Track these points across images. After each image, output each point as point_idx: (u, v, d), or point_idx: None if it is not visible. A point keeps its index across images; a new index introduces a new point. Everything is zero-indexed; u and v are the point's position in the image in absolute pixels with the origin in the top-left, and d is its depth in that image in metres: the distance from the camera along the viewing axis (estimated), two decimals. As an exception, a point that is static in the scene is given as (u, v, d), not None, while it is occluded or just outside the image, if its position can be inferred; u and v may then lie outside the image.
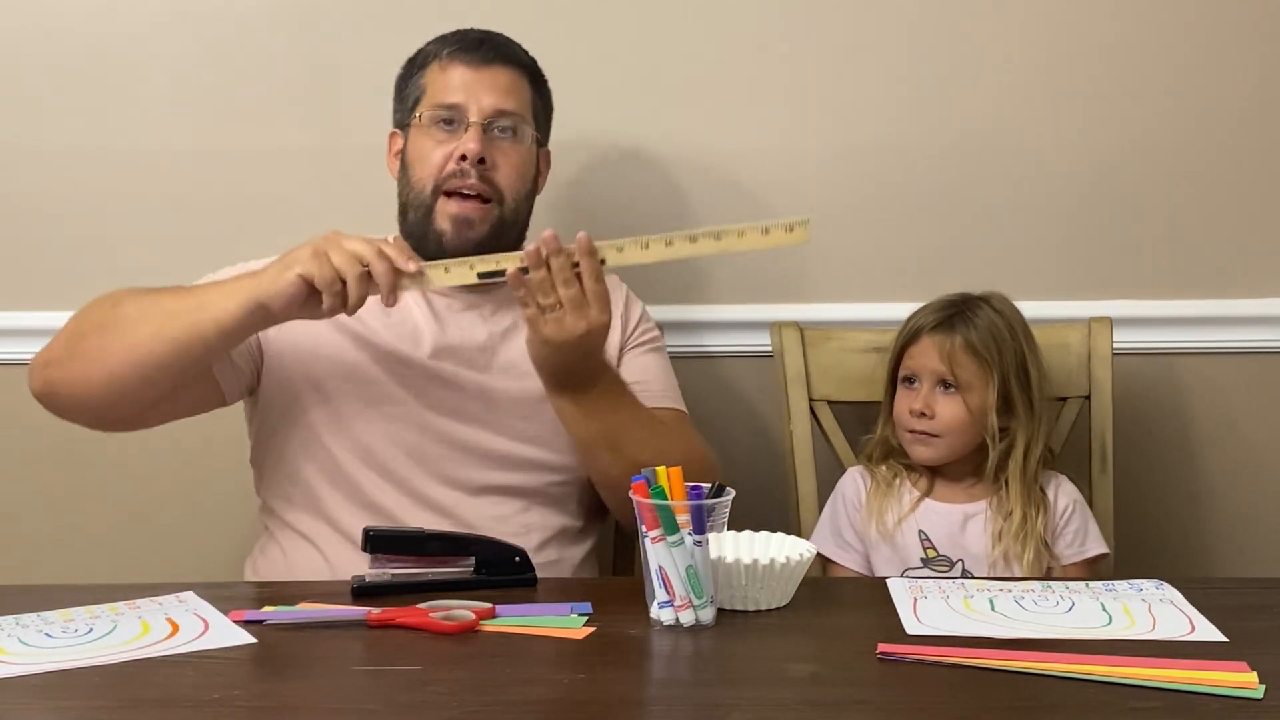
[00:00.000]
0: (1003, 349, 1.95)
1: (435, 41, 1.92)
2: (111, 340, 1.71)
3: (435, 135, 1.86)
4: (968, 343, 1.94)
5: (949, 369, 1.94)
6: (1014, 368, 1.95)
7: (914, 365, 1.97)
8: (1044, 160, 2.24)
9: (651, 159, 2.23)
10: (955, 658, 1.40)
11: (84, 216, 2.25)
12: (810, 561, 1.61)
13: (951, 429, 1.94)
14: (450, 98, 1.86)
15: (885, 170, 2.25)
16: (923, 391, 1.96)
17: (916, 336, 1.98)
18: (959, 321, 1.96)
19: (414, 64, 1.93)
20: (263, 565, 1.89)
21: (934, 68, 2.23)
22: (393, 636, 1.48)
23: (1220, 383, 2.29)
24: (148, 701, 1.32)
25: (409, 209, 1.89)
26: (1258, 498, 2.31)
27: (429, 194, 1.86)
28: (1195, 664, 1.38)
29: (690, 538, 1.48)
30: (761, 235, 1.65)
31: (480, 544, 1.68)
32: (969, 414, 1.94)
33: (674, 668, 1.45)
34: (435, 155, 1.85)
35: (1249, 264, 2.26)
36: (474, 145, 1.83)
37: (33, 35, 2.22)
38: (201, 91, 2.23)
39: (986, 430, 1.94)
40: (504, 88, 1.87)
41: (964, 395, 1.94)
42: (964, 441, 1.96)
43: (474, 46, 1.88)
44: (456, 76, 1.87)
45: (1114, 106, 2.23)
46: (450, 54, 1.88)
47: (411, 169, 1.88)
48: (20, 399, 2.27)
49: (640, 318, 2.00)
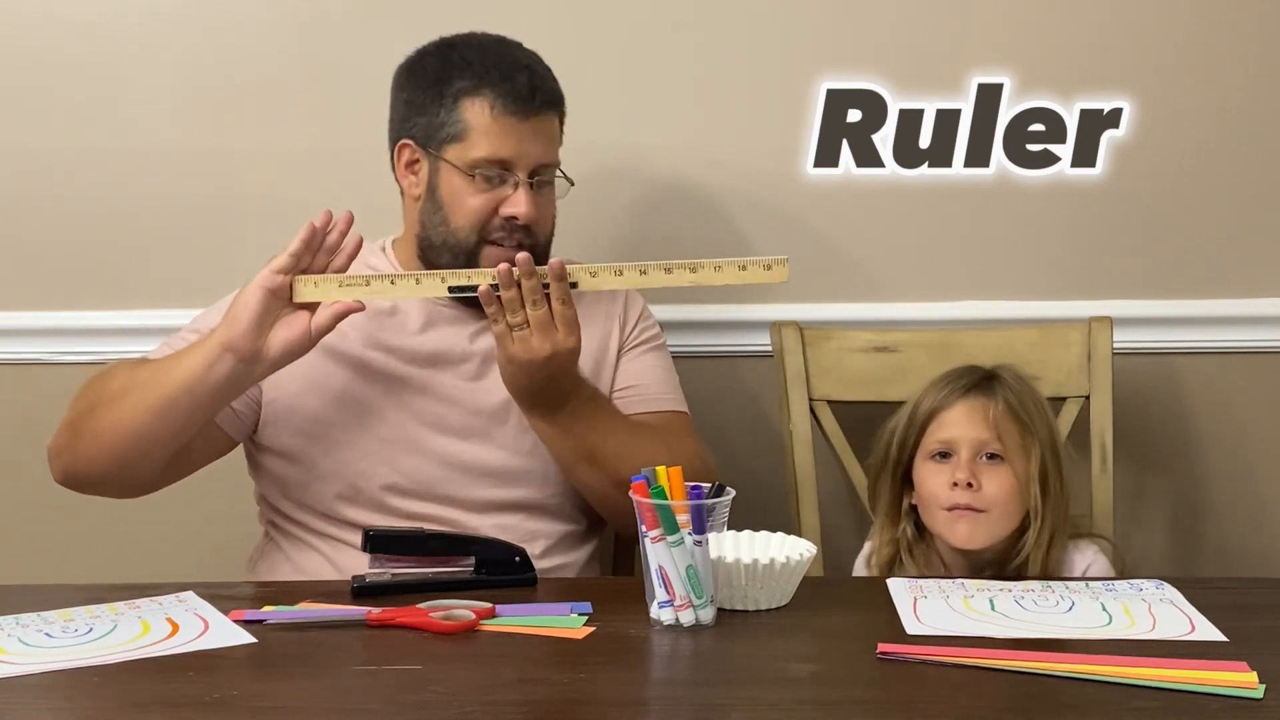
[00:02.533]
0: (1036, 418, 1.79)
1: (472, 69, 1.82)
2: (102, 421, 1.73)
3: (481, 186, 1.82)
4: (1010, 407, 1.78)
5: (994, 435, 1.76)
6: (1048, 442, 1.79)
7: (949, 436, 1.78)
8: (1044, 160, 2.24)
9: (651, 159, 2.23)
10: (955, 658, 1.40)
11: (84, 216, 2.25)
12: (810, 561, 1.61)
13: (998, 503, 1.75)
14: (503, 153, 1.81)
15: (885, 169, 2.24)
16: (963, 461, 1.76)
17: (945, 406, 1.80)
18: (996, 386, 1.80)
19: (443, 85, 1.83)
20: (263, 570, 1.89)
21: (934, 67, 2.22)
22: (393, 636, 1.48)
23: (1220, 383, 2.28)
24: (148, 701, 1.32)
25: (444, 249, 1.84)
26: (1258, 497, 2.31)
27: (472, 244, 1.82)
28: (1195, 664, 1.38)
29: (690, 537, 1.48)
30: (739, 271, 1.67)
31: (480, 544, 1.68)
32: (1016, 484, 1.75)
33: (674, 668, 1.45)
34: (478, 203, 1.81)
35: (1249, 264, 2.26)
36: (525, 209, 1.80)
37: (33, 35, 2.22)
38: (201, 91, 2.23)
39: (1030, 505, 1.75)
40: (547, 138, 1.84)
41: (1009, 465, 1.76)
42: (1008, 521, 1.76)
43: (527, 96, 1.81)
44: (510, 130, 1.81)
45: (1114, 106, 2.23)
46: (504, 105, 1.81)
47: (448, 210, 1.83)
48: (20, 399, 2.28)
49: (640, 315, 1.99)
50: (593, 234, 2.20)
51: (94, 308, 2.26)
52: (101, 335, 2.26)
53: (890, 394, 2.14)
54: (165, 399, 1.70)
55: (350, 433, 1.83)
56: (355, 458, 1.82)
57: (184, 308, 2.23)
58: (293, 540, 1.86)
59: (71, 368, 2.26)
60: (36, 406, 2.27)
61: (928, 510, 1.79)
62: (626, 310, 1.97)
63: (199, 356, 1.68)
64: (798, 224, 2.25)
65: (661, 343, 2.00)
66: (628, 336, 1.96)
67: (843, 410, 2.15)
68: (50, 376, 2.26)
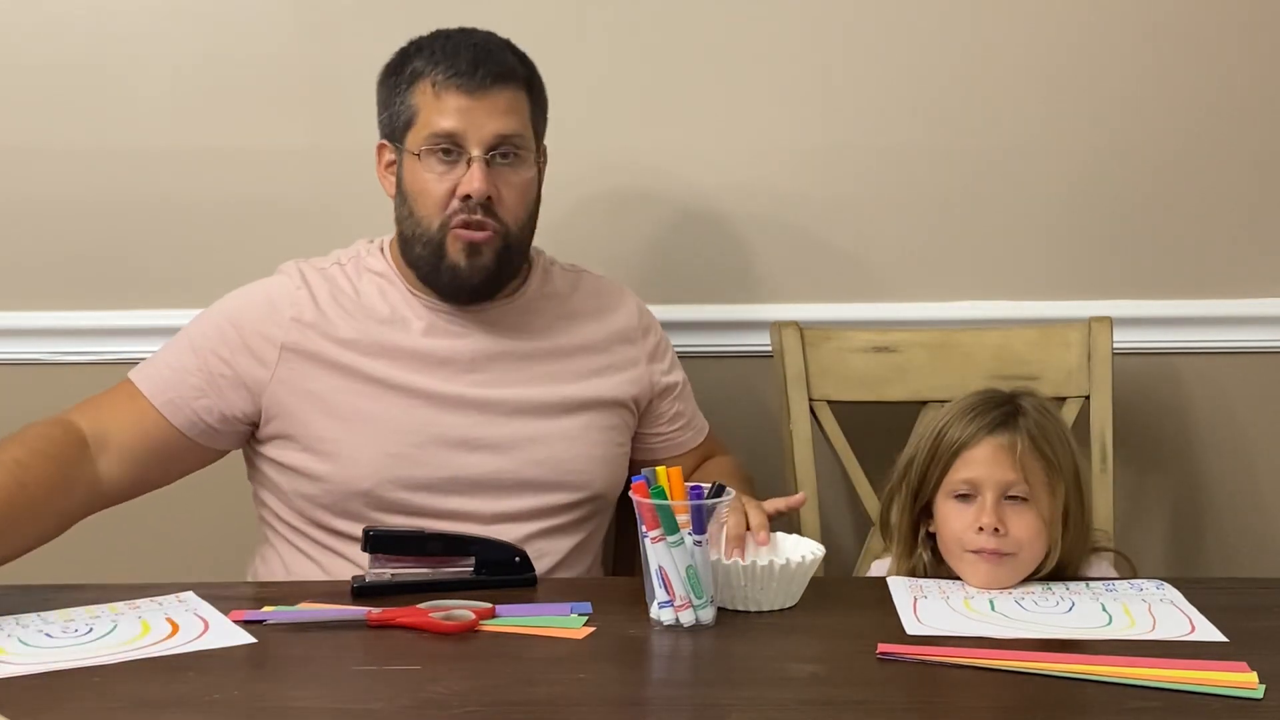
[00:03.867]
0: (1062, 453, 1.70)
1: (422, 54, 1.81)
2: None
3: (434, 167, 1.78)
4: (1035, 443, 1.68)
5: (1020, 476, 1.67)
6: (1072, 474, 1.71)
7: (974, 476, 1.68)
8: (1044, 160, 2.24)
9: (650, 162, 2.23)
10: (955, 658, 1.40)
11: (84, 216, 2.25)
12: (817, 563, 1.61)
13: (1024, 544, 1.67)
14: (446, 124, 1.76)
15: (886, 170, 2.24)
16: (988, 504, 1.66)
17: (971, 443, 1.69)
18: (1020, 419, 1.70)
19: (399, 75, 1.82)
20: (263, 573, 1.89)
21: (934, 67, 2.22)
22: (393, 636, 1.48)
23: (1220, 383, 2.29)
24: (148, 701, 1.32)
25: (415, 242, 1.82)
26: (1258, 498, 2.31)
27: (435, 230, 1.79)
28: (1195, 664, 1.38)
29: (690, 538, 1.48)
30: None
31: (480, 544, 1.68)
32: (1043, 525, 1.67)
33: (674, 668, 1.45)
34: (437, 190, 1.78)
35: (1249, 264, 2.26)
36: (479, 184, 1.75)
37: (32, 35, 2.22)
38: (201, 91, 2.23)
39: (1054, 545, 1.68)
40: (504, 110, 1.78)
41: (1035, 504, 1.68)
42: (1033, 561, 1.68)
43: (469, 70, 1.77)
44: (452, 103, 1.77)
45: (1114, 106, 2.23)
46: (444, 79, 1.77)
47: (413, 202, 1.81)
48: (20, 399, 2.28)
49: (658, 343, 1.98)
50: (593, 233, 2.21)
51: (94, 308, 2.26)
52: (101, 335, 2.26)
53: (890, 394, 2.15)
54: None
55: (349, 444, 1.80)
56: (354, 469, 1.79)
57: (184, 308, 2.23)
58: (291, 548, 1.85)
59: (71, 368, 2.27)
60: (36, 406, 2.27)
61: (948, 549, 1.71)
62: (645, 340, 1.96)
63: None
64: (798, 224, 2.25)
65: (676, 358, 2.02)
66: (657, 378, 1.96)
67: (843, 410, 2.15)
68: (50, 376, 2.27)
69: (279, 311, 1.83)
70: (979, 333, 2.17)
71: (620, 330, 1.94)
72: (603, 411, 1.89)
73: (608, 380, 1.90)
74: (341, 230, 2.04)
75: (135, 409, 1.80)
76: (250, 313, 1.84)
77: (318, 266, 1.89)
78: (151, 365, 1.85)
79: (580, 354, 1.89)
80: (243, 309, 1.85)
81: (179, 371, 1.82)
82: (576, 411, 1.86)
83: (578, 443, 1.86)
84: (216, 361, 1.82)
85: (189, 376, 1.81)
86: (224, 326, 1.84)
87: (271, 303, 1.84)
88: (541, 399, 1.84)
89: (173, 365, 1.83)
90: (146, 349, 2.09)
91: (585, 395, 1.87)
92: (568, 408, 1.86)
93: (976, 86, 2.23)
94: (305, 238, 2.12)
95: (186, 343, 1.85)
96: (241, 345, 1.82)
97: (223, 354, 1.82)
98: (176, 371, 1.82)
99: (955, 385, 2.14)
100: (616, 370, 1.92)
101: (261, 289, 1.87)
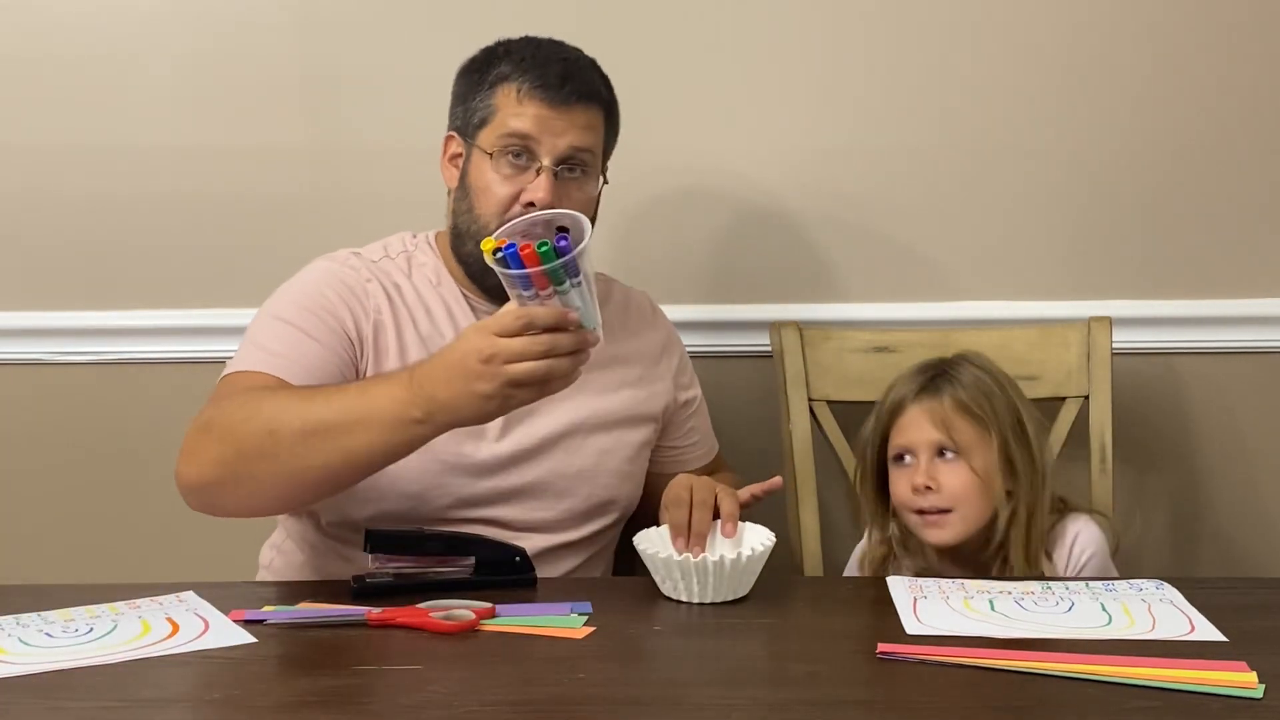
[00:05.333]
0: (995, 404, 1.80)
1: (511, 58, 1.80)
2: (278, 470, 1.60)
3: (502, 169, 1.77)
4: (959, 402, 1.80)
5: (946, 434, 1.79)
6: (1010, 423, 1.80)
7: (905, 440, 1.81)
8: (1044, 160, 2.24)
9: (651, 162, 2.23)
10: (955, 658, 1.40)
11: (84, 216, 2.25)
12: (766, 555, 1.60)
13: (960, 498, 1.78)
14: (523, 126, 1.76)
15: (886, 170, 2.24)
16: (921, 464, 1.79)
17: (900, 409, 1.82)
18: (944, 383, 1.82)
19: (484, 74, 1.81)
20: (279, 563, 1.88)
21: (934, 68, 2.22)
22: (393, 636, 1.48)
23: (1220, 383, 2.29)
24: (148, 701, 1.32)
25: (467, 238, 1.80)
26: (1258, 497, 2.31)
27: (493, 231, 1.74)
28: (1195, 664, 1.38)
29: (570, 281, 1.49)
30: None
31: (480, 544, 1.68)
32: (977, 478, 1.78)
33: (674, 668, 1.45)
34: (501, 191, 1.77)
35: (1249, 264, 2.26)
36: (544, 195, 1.74)
37: (32, 34, 2.22)
38: (201, 91, 2.23)
39: (996, 493, 1.78)
40: (581, 126, 1.79)
41: (966, 460, 1.79)
42: (977, 513, 1.78)
43: (557, 83, 1.77)
44: (533, 110, 1.77)
45: (1115, 106, 2.23)
46: (530, 88, 1.77)
47: (474, 197, 1.80)
48: (20, 399, 2.28)
49: (680, 362, 1.98)
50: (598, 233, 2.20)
51: (94, 308, 2.26)
52: (101, 335, 2.26)
53: (890, 394, 2.15)
54: (358, 463, 1.59)
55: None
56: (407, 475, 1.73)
57: (184, 308, 2.24)
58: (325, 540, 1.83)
59: (71, 368, 2.27)
60: (36, 406, 2.28)
61: (900, 513, 1.82)
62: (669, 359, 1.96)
63: (399, 431, 1.56)
64: (798, 224, 2.25)
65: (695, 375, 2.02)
66: (679, 395, 1.96)
67: (842, 410, 2.15)
68: (50, 376, 2.27)
69: (359, 295, 1.79)
70: (979, 333, 2.17)
71: (650, 344, 1.95)
72: (634, 427, 1.89)
73: (640, 393, 1.90)
74: (342, 228, 2.05)
75: None
76: (332, 286, 1.79)
77: (368, 259, 1.85)
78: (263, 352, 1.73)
79: (615, 365, 1.88)
80: (321, 283, 1.80)
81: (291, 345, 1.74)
82: (611, 427, 1.86)
83: (610, 457, 1.86)
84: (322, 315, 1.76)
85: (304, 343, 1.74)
86: (312, 294, 1.78)
87: (346, 284, 1.79)
88: (579, 413, 1.83)
89: (285, 349, 1.73)
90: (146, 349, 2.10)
91: (618, 409, 1.87)
92: (603, 423, 1.85)
93: (977, 87, 2.23)
94: (306, 236, 2.12)
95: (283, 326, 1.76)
96: (341, 302, 1.78)
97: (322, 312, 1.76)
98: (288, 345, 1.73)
99: (955, 385, 2.14)
100: (648, 384, 1.92)
101: (326, 271, 1.82)
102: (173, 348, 2.24)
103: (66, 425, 2.27)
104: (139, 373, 2.26)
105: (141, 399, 2.27)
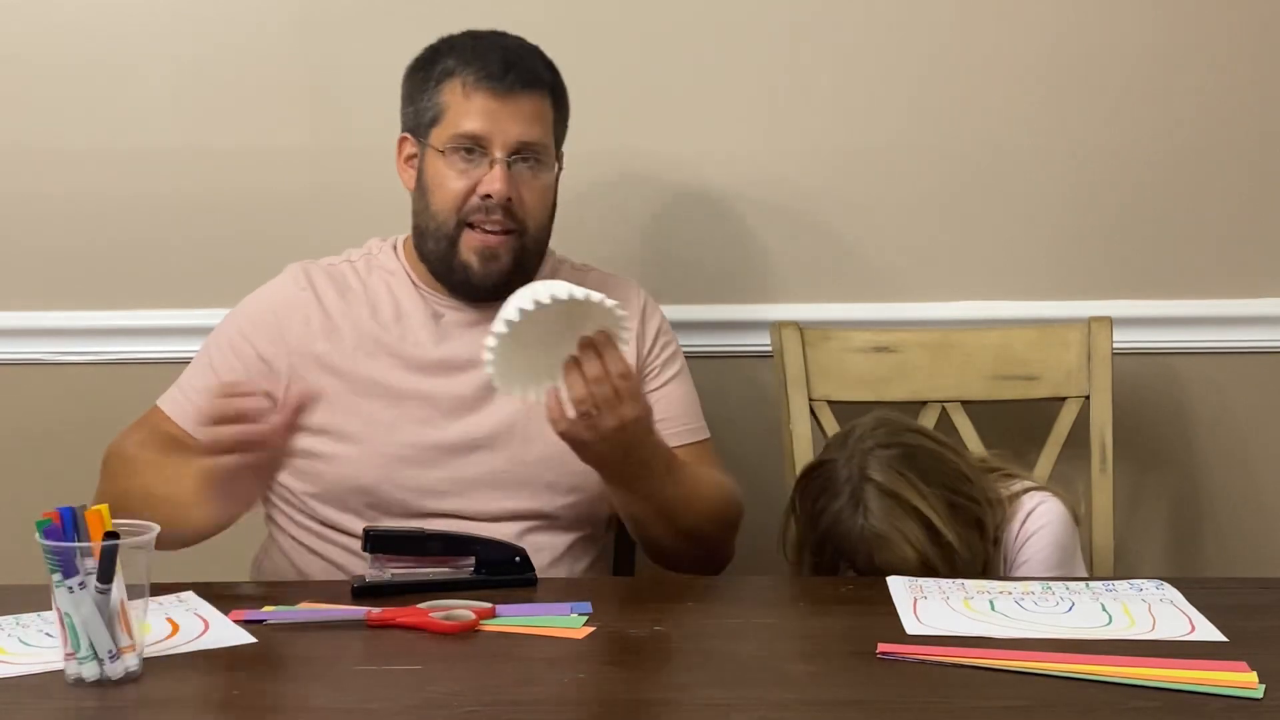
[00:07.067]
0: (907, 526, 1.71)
1: (455, 54, 1.84)
2: None
3: (455, 164, 1.80)
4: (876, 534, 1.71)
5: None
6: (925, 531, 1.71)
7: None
8: (1044, 160, 2.24)
9: (651, 163, 2.23)
10: (955, 658, 1.40)
11: (84, 216, 2.25)
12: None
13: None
14: (472, 126, 1.79)
15: (886, 170, 2.24)
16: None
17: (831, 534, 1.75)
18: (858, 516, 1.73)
19: (429, 71, 1.84)
20: (267, 567, 1.89)
21: (935, 69, 2.22)
22: (393, 636, 1.48)
23: (1220, 383, 2.28)
24: (148, 701, 1.32)
25: (428, 237, 1.84)
26: (1258, 498, 2.31)
27: (451, 226, 1.81)
28: (1195, 664, 1.38)
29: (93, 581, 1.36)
30: None
31: (480, 544, 1.68)
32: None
33: (674, 668, 1.45)
34: (456, 186, 1.80)
35: (1249, 264, 2.26)
36: (499, 186, 1.78)
37: (32, 35, 2.22)
38: (201, 91, 2.23)
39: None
40: (528, 116, 1.81)
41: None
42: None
43: (499, 74, 1.80)
44: (479, 104, 1.79)
45: (1115, 107, 2.23)
46: (475, 81, 1.80)
47: (431, 195, 1.83)
48: (20, 399, 2.28)
49: (659, 331, 1.95)
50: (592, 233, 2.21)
51: (94, 308, 2.26)
52: (101, 335, 2.26)
53: (890, 394, 2.15)
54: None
55: (353, 445, 1.81)
56: (352, 468, 1.80)
57: (183, 308, 2.24)
58: (292, 541, 1.86)
59: (71, 368, 2.27)
60: (36, 406, 2.28)
61: None
62: (644, 325, 1.94)
63: None
64: (799, 224, 2.25)
65: (678, 356, 1.97)
66: (648, 358, 1.93)
67: (843, 410, 2.15)
68: (50, 376, 2.27)
69: (284, 319, 1.86)
70: (979, 333, 2.17)
71: None
72: None
73: None
74: (342, 228, 2.05)
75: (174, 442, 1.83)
76: (259, 324, 1.87)
77: (326, 265, 1.91)
78: (179, 391, 1.87)
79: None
80: (252, 320, 1.88)
81: (205, 394, 1.77)
82: None
83: None
84: (240, 349, 1.86)
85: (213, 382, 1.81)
86: (236, 341, 1.87)
87: (275, 311, 1.87)
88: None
89: (199, 389, 1.83)
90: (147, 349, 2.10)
91: None
92: None
93: (977, 87, 2.23)
94: (306, 236, 2.12)
95: (206, 362, 1.88)
96: (255, 357, 1.85)
97: (238, 371, 1.84)
98: (203, 394, 1.78)
99: (955, 385, 2.15)
100: None
101: (268, 297, 1.90)
102: (173, 348, 2.24)
103: (66, 425, 2.27)
104: (139, 373, 2.25)
105: (141, 399, 2.26)
